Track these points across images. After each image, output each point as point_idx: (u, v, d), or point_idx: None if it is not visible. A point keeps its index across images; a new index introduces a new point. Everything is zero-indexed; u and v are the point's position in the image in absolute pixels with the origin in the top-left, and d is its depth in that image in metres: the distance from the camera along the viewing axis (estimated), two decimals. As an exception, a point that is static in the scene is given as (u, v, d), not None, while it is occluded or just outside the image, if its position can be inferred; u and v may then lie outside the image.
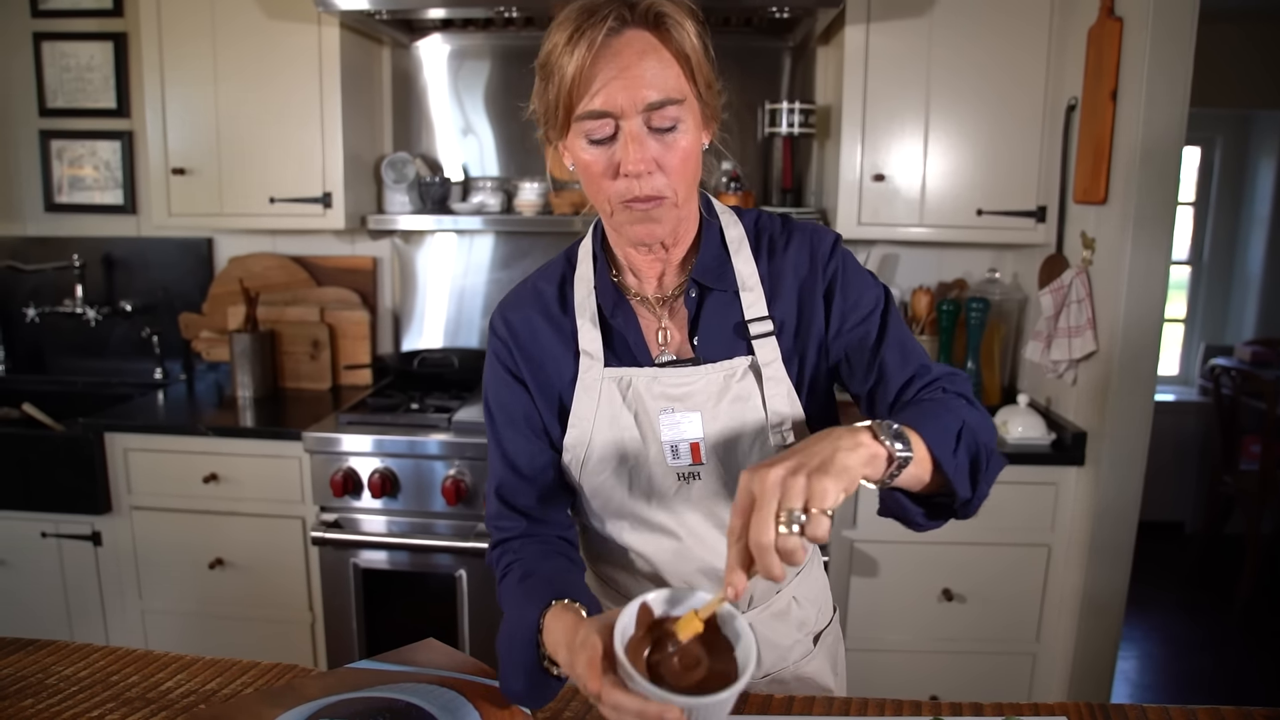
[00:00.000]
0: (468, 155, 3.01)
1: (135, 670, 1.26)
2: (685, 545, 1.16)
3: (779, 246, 1.16)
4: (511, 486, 1.17)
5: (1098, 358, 2.37)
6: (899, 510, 0.99)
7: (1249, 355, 4.54)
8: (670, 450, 1.12)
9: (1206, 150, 4.91)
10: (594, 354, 1.14)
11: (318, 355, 2.99)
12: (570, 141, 1.02)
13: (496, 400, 1.19)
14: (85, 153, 3.09)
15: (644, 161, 0.99)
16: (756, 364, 1.13)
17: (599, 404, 1.14)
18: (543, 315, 1.17)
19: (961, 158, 2.56)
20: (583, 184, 1.06)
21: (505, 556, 1.14)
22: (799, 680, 1.29)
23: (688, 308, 1.15)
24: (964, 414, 0.99)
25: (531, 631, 0.98)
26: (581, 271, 1.18)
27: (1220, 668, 3.51)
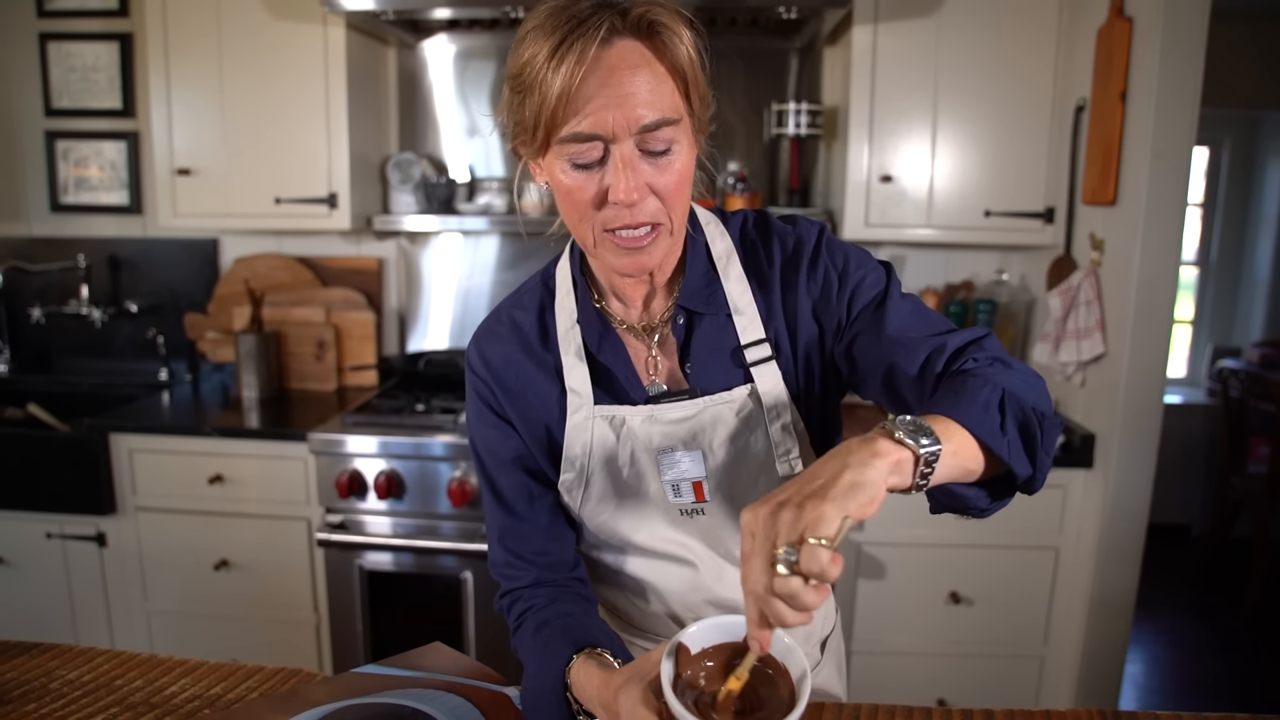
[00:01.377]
0: (474, 156, 3.00)
1: (139, 674, 1.25)
2: (697, 572, 1.11)
3: (763, 259, 1.07)
4: (514, 532, 1.10)
5: (1106, 360, 2.36)
6: (954, 502, 0.89)
7: (1257, 357, 4.52)
8: (671, 489, 1.07)
9: (1214, 151, 4.89)
10: (582, 392, 1.06)
11: (323, 356, 2.99)
12: (549, 162, 0.92)
13: (484, 443, 1.11)
14: (91, 153, 3.09)
15: (637, 189, 0.89)
16: (757, 392, 1.05)
17: (592, 444, 1.06)
18: (523, 350, 1.09)
19: (969, 159, 2.54)
20: (561, 210, 0.96)
21: (517, 605, 1.09)
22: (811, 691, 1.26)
23: (676, 335, 1.06)
24: (1003, 381, 0.86)
25: (559, 687, 0.94)
26: (562, 301, 1.08)
27: (1228, 672, 3.48)
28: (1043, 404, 0.89)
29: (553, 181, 0.94)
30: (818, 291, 1.05)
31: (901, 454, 0.76)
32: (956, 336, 0.96)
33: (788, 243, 1.07)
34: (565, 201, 0.93)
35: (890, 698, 2.46)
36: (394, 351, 3.13)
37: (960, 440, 0.80)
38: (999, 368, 0.90)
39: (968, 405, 0.82)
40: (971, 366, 0.91)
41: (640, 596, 1.15)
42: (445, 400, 2.68)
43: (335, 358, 3.00)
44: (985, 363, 0.91)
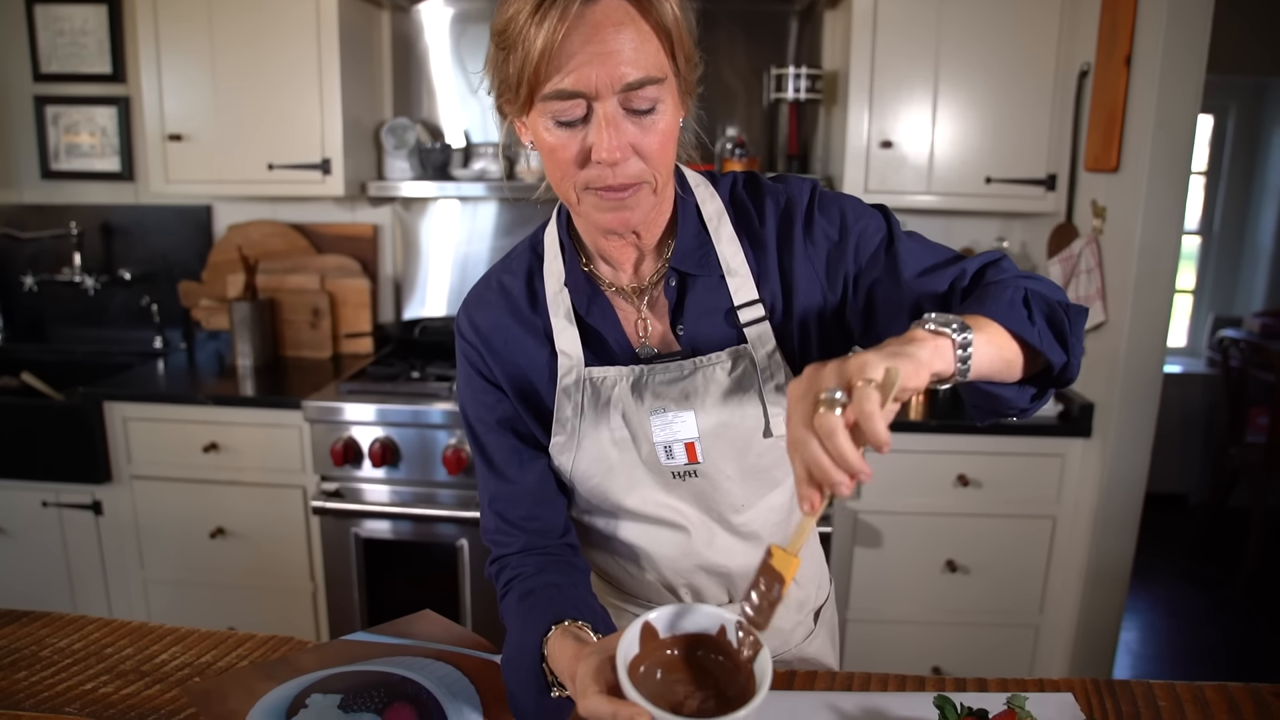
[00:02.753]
0: (469, 121, 2.96)
1: (130, 642, 1.25)
2: (689, 537, 1.10)
3: (755, 218, 1.06)
4: (505, 497, 1.09)
5: (1106, 328, 2.34)
6: (995, 404, 0.90)
7: (1258, 327, 4.50)
8: (664, 451, 1.05)
9: (1219, 119, 4.83)
10: (572, 355, 1.05)
11: (318, 324, 2.97)
12: (532, 120, 0.91)
13: (474, 409, 1.10)
14: (81, 119, 3.05)
15: (620, 148, 0.88)
16: (750, 353, 1.04)
17: (583, 407, 1.06)
18: (512, 315, 1.08)
19: (971, 124, 2.51)
20: (545, 168, 0.95)
21: (505, 573, 1.08)
22: (802, 661, 1.26)
23: (668, 297, 1.05)
24: (1022, 283, 0.89)
25: (535, 658, 0.94)
26: (550, 264, 1.07)
27: (1223, 640, 3.50)
28: (1063, 298, 0.91)
29: (536, 140, 0.92)
30: (818, 250, 1.04)
31: (939, 340, 0.77)
32: (973, 261, 0.98)
33: (780, 201, 1.06)
34: (548, 160, 0.92)
35: (885, 666, 2.47)
36: (390, 319, 3.11)
37: (992, 331, 0.81)
38: (1014, 276, 0.92)
39: (993, 302, 0.84)
40: (985, 282, 0.93)
41: (632, 562, 1.14)
42: (441, 368, 2.66)
43: (330, 325, 2.98)
44: (1004, 275, 0.93)
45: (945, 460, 2.41)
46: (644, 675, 0.79)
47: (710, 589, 1.14)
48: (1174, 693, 1.12)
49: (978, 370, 0.80)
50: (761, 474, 1.08)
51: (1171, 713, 1.08)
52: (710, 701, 0.78)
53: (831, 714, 1.08)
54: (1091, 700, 1.11)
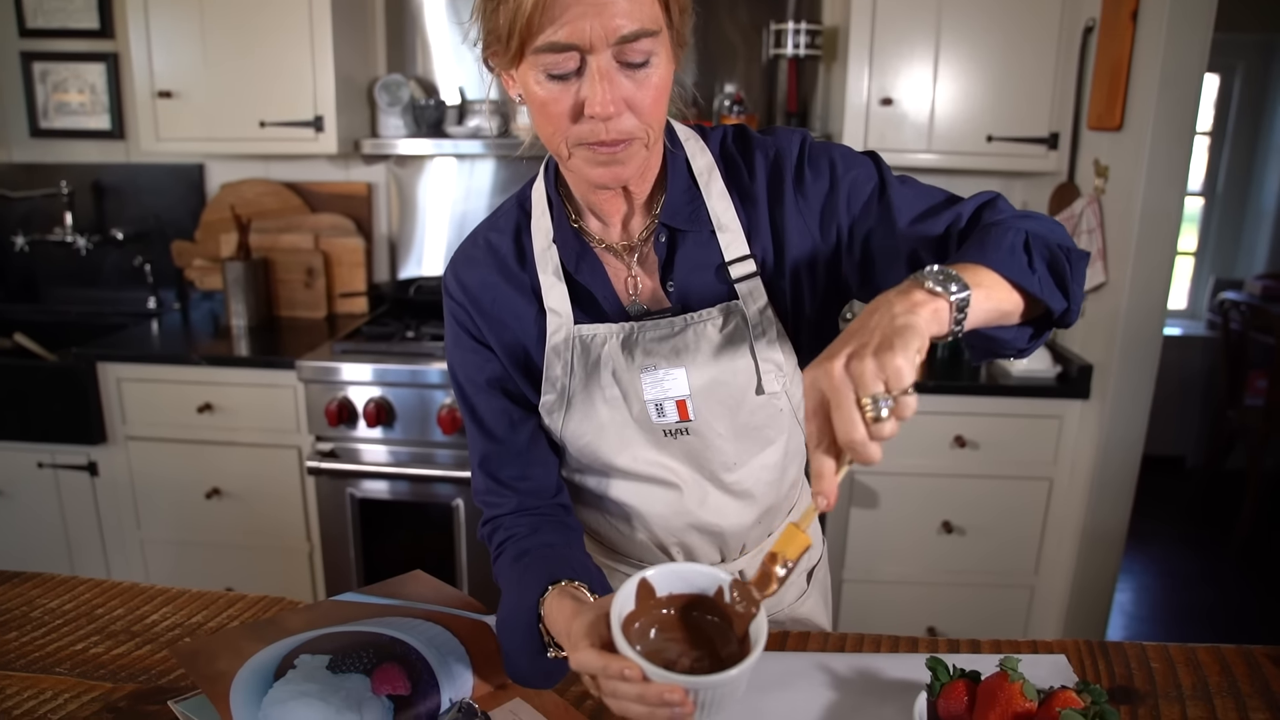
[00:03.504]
0: (464, 77, 2.91)
1: (121, 603, 1.24)
2: (681, 495, 1.09)
3: (744, 173, 1.03)
4: (495, 457, 1.09)
5: (1107, 290, 2.32)
6: (992, 346, 0.89)
7: (1259, 289, 4.47)
8: (655, 409, 1.04)
9: (1226, 78, 4.76)
10: (561, 312, 1.03)
11: (312, 283, 2.95)
12: (522, 73, 0.88)
13: (463, 369, 1.09)
14: (69, 75, 3.00)
15: (614, 102, 0.86)
16: (741, 309, 1.02)
17: (572, 365, 1.04)
18: (500, 273, 1.06)
19: (972, 81, 2.47)
20: (534, 122, 0.93)
21: (498, 534, 1.08)
22: (795, 621, 1.26)
23: (658, 253, 1.03)
24: (1021, 224, 0.87)
25: (532, 618, 0.93)
26: (538, 220, 1.05)
27: (1217, 601, 3.52)
28: (1064, 240, 0.90)
29: (526, 94, 0.90)
30: (810, 203, 1.02)
31: (936, 303, 0.76)
32: (969, 203, 0.96)
33: (769, 154, 1.03)
34: (539, 114, 0.90)
35: (881, 626, 2.49)
36: (385, 278, 3.09)
37: (990, 282, 0.81)
38: (1013, 216, 0.90)
39: (994, 250, 0.83)
40: (984, 224, 0.90)
41: (624, 521, 1.14)
42: (436, 327, 2.64)
43: (325, 285, 2.96)
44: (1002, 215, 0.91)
45: (942, 421, 2.40)
46: (638, 632, 0.78)
47: (702, 548, 1.14)
48: (1167, 654, 1.12)
49: (973, 324, 0.79)
50: (754, 432, 1.07)
51: (1164, 674, 1.08)
52: (704, 661, 0.77)
53: (824, 675, 1.08)
54: (1085, 662, 1.11)
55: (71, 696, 1.02)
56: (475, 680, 0.99)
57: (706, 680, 0.71)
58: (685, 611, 0.80)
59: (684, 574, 0.80)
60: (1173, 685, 1.06)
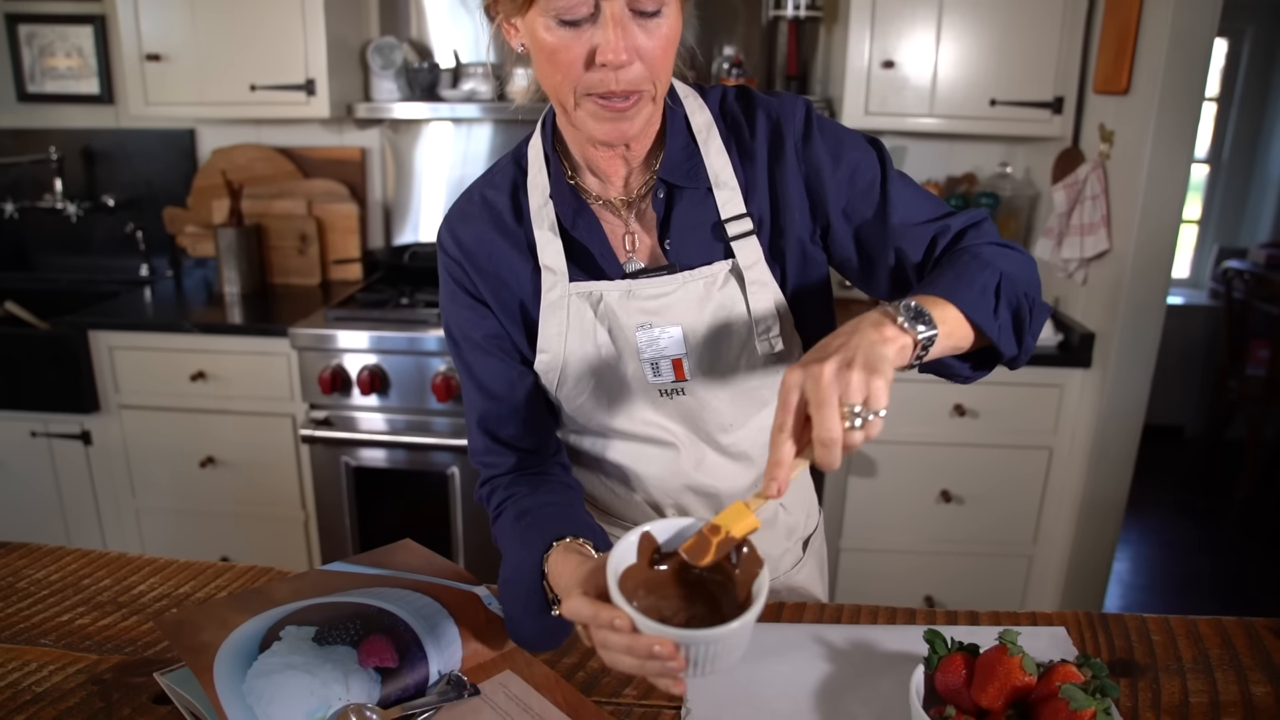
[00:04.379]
0: (459, 40, 2.86)
1: (108, 573, 1.23)
2: (677, 456, 1.08)
3: (745, 131, 1.02)
4: (493, 416, 1.07)
5: (1110, 257, 2.29)
6: (941, 370, 0.94)
7: (1263, 258, 4.43)
8: (650, 368, 1.03)
9: (1235, 43, 4.69)
10: (557, 269, 1.02)
11: (306, 250, 2.91)
12: (530, 20, 0.86)
13: (459, 326, 1.07)
14: (56, 39, 2.94)
15: (627, 50, 0.84)
16: (738, 267, 1.01)
17: (568, 323, 1.03)
18: (496, 229, 1.04)
19: (976, 44, 2.42)
20: (538, 71, 0.91)
21: (496, 495, 1.06)
22: (790, 590, 1.25)
23: (656, 209, 1.02)
24: (1000, 264, 0.90)
25: (535, 577, 0.92)
26: (534, 177, 1.03)
27: (1215, 571, 3.52)
28: (1034, 288, 0.95)
29: (532, 41, 0.88)
30: (811, 171, 1.01)
31: (904, 339, 0.80)
32: (957, 219, 0.99)
33: (772, 115, 1.01)
34: (548, 62, 0.87)
35: (878, 596, 2.48)
36: (380, 245, 3.05)
37: (955, 320, 0.85)
38: (995, 250, 0.93)
39: (966, 289, 0.86)
40: (970, 248, 0.94)
41: (620, 483, 1.13)
42: (431, 294, 2.61)
43: (318, 251, 2.92)
44: (983, 246, 0.95)
45: (942, 390, 2.38)
46: (636, 585, 0.76)
47: (698, 509, 1.13)
48: (1168, 626, 1.11)
49: (930, 359, 0.85)
50: (750, 393, 1.06)
51: (1165, 647, 1.07)
52: (701, 619, 0.76)
53: (820, 646, 1.06)
54: (1084, 634, 1.09)
55: (56, 668, 1.01)
56: (464, 652, 0.98)
57: (697, 634, 0.68)
58: (687, 568, 0.78)
59: (688, 529, 0.78)
60: (1173, 658, 1.05)
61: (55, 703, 0.94)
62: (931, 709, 0.88)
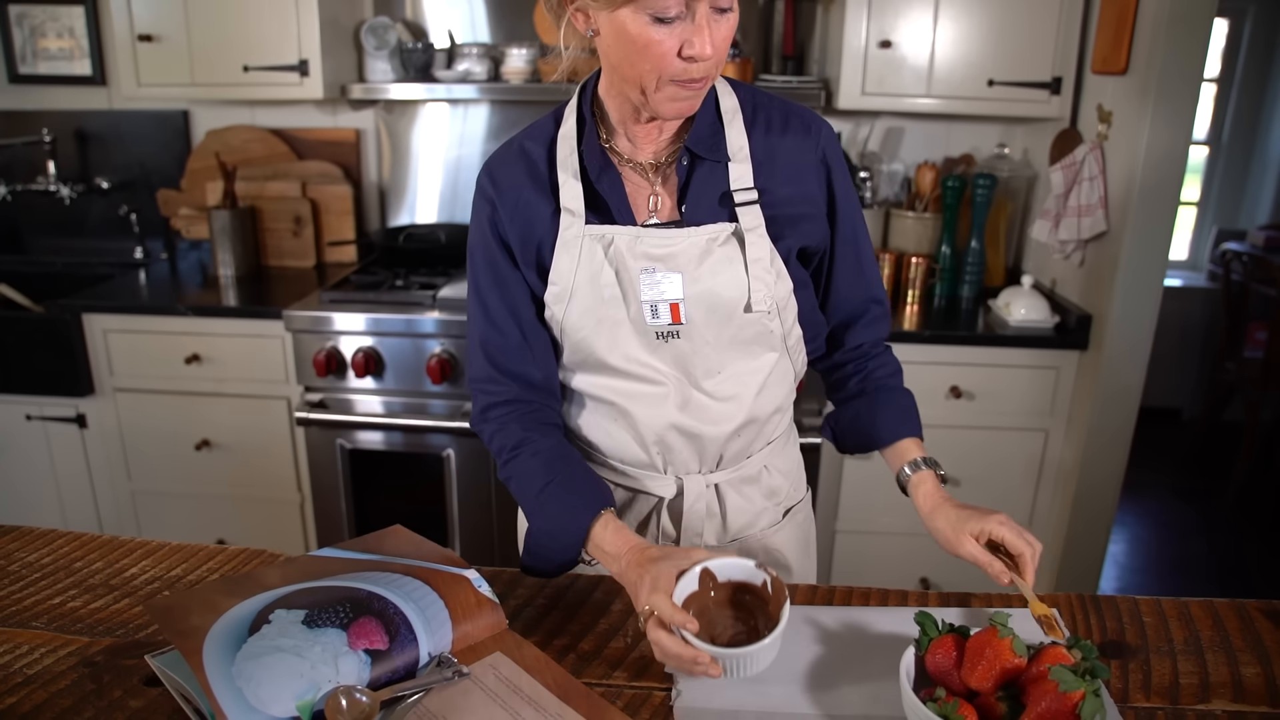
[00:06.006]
0: (452, 20, 2.84)
1: (99, 556, 1.23)
2: (665, 396, 1.17)
3: (775, 126, 1.15)
4: (497, 344, 1.18)
5: (1107, 239, 2.28)
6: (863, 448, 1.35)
7: (1262, 240, 4.42)
8: (650, 310, 1.12)
9: (1235, 23, 4.66)
10: (575, 211, 1.13)
11: (300, 232, 2.90)
12: (620, 15, 0.97)
13: (484, 257, 1.18)
14: (48, 19, 2.92)
15: (713, 45, 0.98)
16: (740, 230, 1.12)
17: (579, 261, 1.13)
18: (528, 173, 1.16)
19: (974, 23, 2.40)
20: (620, 58, 1.01)
21: (508, 432, 1.17)
22: (765, 551, 1.30)
23: (679, 175, 1.14)
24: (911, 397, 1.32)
25: (581, 535, 1.08)
26: (566, 134, 1.15)
27: (1211, 553, 3.53)
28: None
29: (621, 34, 0.98)
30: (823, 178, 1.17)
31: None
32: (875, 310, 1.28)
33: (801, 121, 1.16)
34: (639, 53, 0.98)
35: (874, 577, 2.48)
36: (375, 227, 3.04)
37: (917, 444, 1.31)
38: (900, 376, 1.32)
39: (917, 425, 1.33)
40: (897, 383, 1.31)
41: (610, 420, 1.21)
42: (425, 276, 2.61)
43: (313, 233, 2.91)
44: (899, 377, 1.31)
45: (939, 371, 2.38)
46: (697, 606, 0.97)
47: (681, 451, 1.21)
48: (1159, 608, 1.11)
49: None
50: (742, 346, 1.17)
51: (1156, 628, 1.07)
52: (743, 635, 0.98)
53: (812, 628, 1.06)
54: (1077, 615, 1.10)
55: (47, 651, 1.01)
56: (454, 634, 0.98)
57: (728, 651, 0.90)
58: (737, 591, 0.99)
59: (739, 566, 0.99)
60: (1164, 639, 1.05)
61: (47, 685, 0.94)
62: (922, 690, 0.88)
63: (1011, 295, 2.43)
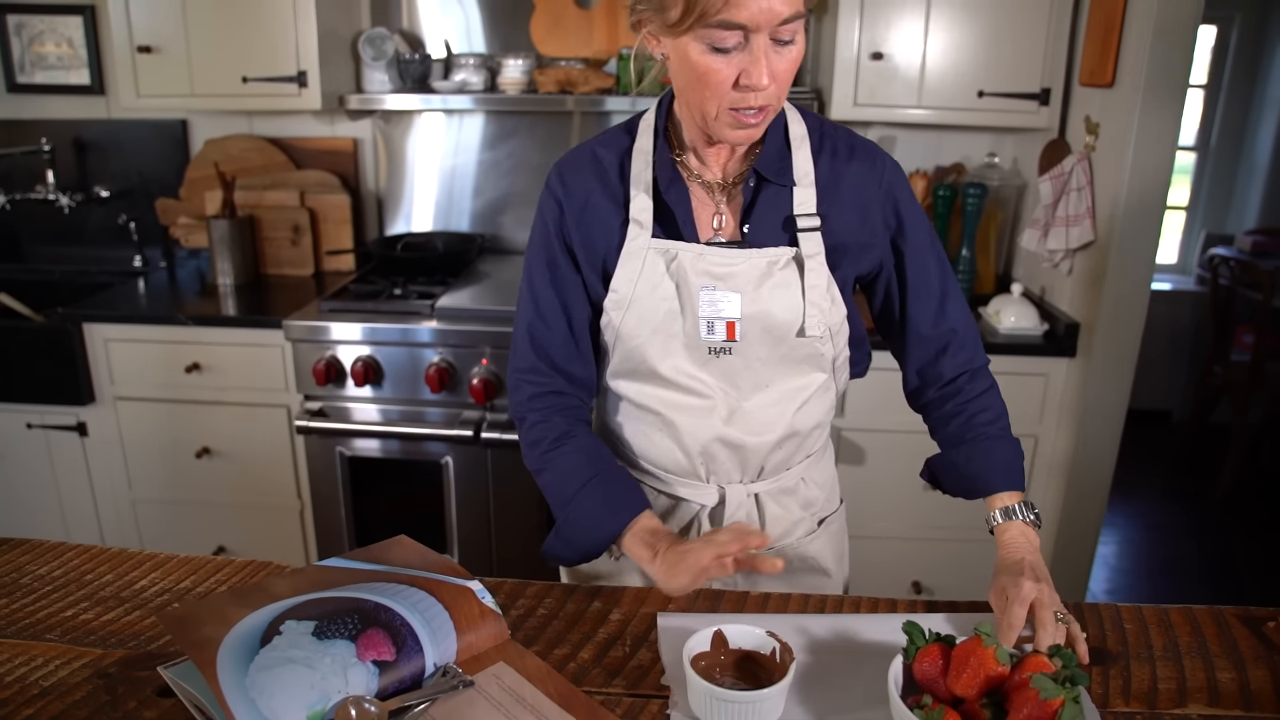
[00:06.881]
0: (449, 30, 2.87)
1: (110, 569, 1.25)
2: (711, 410, 1.20)
3: (841, 154, 1.19)
4: (544, 337, 1.23)
5: (1094, 248, 2.32)
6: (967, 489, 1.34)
7: (1249, 245, 4.47)
8: (706, 326, 1.17)
9: (1223, 29, 4.72)
10: (644, 224, 1.17)
11: (299, 241, 2.92)
12: (682, 42, 1.01)
13: (544, 255, 1.22)
14: (46, 29, 2.94)
15: (769, 76, 1.00)
16: (800, 255, 1.16)
17: (642, 271, 1.17)
18: (598, 180, 1.20)
19: (964, 35, 2.44)
20: (684, 83, 1.06)
21: (552, 423, 1.22)
22: (800, 558, 1.33)
23: (744, 196, 1.17)
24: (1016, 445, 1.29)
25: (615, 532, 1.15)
26: (641, 145, 1.19)
27: (1200, 554, 3.57)
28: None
29: (682, 60, 1.03)
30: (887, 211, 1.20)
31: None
32: (967, 338, 1.28)
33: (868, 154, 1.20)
34: (699, 81, 1.03)
35: (866, 580, 2.52)
36: (373, 235, 3.07)
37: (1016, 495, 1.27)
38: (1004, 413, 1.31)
39: (1020, 477, 1.28)
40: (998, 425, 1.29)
41: (655, 430, 1.25)
42: (423, 285, 2.63)
43: (311, 242, 2.93)
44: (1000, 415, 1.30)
45: (929, 380, 2.41)
46: (705, 667, 0.99)
47: (725, 462, 1.24)
48: (1140, 615, 1.15)
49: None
50: (792, 365, 1.21)
51: (1136, 635, 1.10)
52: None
53: (802, 637, 1.09)
54: (1059, 623, 1.13)
55: (62, 663, 1.03)
56: (459, 645, 1.01)
57: (735, 694, 0.93)
58: (744, 659, 1.01)
59: (751, 634, 1.02)
60: (1144, 646, 1.08)
61: (62, 696, 0.97)
62: (909, 697, 0.91)
63: (1001, 303, 2.46)
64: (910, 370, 1.30)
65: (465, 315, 2.43)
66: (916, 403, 1.34)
